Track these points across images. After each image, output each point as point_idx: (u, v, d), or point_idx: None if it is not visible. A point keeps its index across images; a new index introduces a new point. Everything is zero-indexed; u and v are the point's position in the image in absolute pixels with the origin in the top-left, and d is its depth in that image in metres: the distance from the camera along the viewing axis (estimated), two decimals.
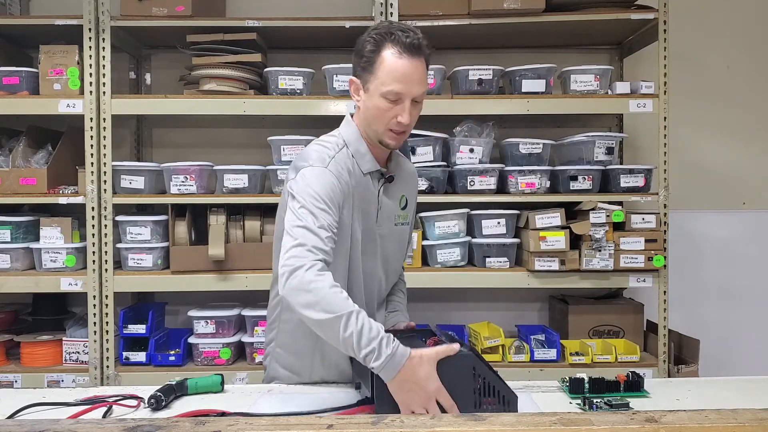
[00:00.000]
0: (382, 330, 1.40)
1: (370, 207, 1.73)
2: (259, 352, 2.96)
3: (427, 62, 1.67)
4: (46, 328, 3.15)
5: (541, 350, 2.96)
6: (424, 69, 1.64)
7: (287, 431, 1.04)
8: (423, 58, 1.63)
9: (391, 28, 1.63)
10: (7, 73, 2.96)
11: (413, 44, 1.60)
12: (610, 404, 1.55)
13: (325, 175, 1.62)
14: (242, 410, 1.48)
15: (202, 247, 2.94)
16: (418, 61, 1.62)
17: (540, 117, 3.15)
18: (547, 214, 2.89)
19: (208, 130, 3.42)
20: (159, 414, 1.49)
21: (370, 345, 1.37)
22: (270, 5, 3.28)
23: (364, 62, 1.64)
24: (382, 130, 1.66)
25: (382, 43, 1.61)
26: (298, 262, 1.47)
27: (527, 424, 1.05)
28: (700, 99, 3.46)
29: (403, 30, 1.62)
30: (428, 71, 1.69)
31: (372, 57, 1.62)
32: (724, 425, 1.04)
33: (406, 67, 1.60)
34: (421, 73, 1.63)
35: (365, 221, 1.72)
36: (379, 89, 1.61)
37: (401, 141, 1.69)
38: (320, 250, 1.51)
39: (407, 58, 1.60)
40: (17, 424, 1.03)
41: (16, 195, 2.92)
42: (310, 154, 1.68)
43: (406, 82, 1.60)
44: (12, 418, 1.43)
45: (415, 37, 1.61)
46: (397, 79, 1.59)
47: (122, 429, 1.02)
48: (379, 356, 1.36)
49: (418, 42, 1.61)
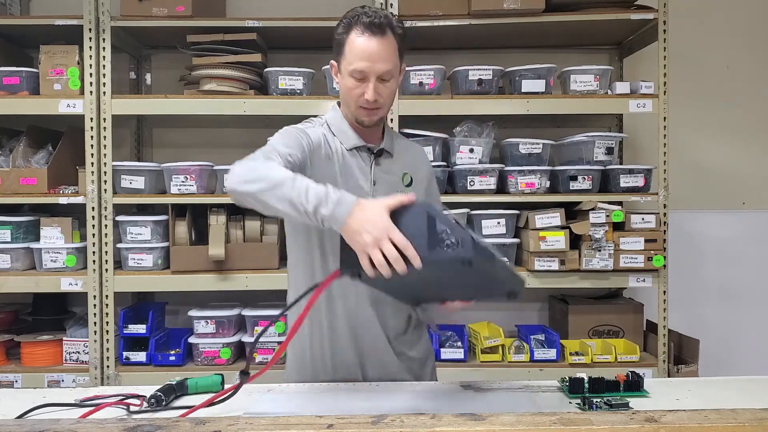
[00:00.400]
0: (330, 186, 1.41)
1: (360, 182, 1.74)
2: (259, 352, 2.96)
3: (399, 41, 1.69)
4: (46, 328, 3.15)
5: (540, 350, 2.96)
6: (390, 47, 1.67)
7: (287, 431, 1.04)
8: (389, 37, 1.66)
9: (358, 11, 1.68)
10: (7, 73, 2.96)
11: (374, 23, 1.65)
12: (610, 404, 1.55)
13: (288, 129, 1.73)
14: (243, 410, 1.48)
15: (202, 247, 2.94)
16: (383, 40, 1.65)
17: (540, 117, 3.15)
18: (547, 214, 2.89)
19: (208, 130, 3.42)
20: (161, 414, 1.49)
21: (317, 197, 1.38)
22: (270, 5, 3.28)
23: (336, 45, 1.72)
24: (354, 108, 1.71)
25: (349, 26, 1.68)
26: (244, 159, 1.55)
27: (527, 424, 1.05)
28: (700, 99, 3.46)
29: (369, 12, 1.67)
30: (400, 49, 1.70)
31: (341, 39, 1.69)
32: (724, 425, 1.04)
33: (369, 46, 1.64)
34: (385, 51, 1.66)
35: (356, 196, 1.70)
36: (347, 69, 1.68)
37: (374, 117, 1.72)
38: (276, 153, 1.58)
39: (369, 37, 1.65)
40: (17, 424, 1.03)
41: (17, 195, 2.92)
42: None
43: (368, 60, 1.64)
44: (17, 418, 1.43)
45: (379, 17, 1.66)
46: (360, 58, 1.65)
47: (122, 429, 1.02)
48: (326, 203, 1.36)
49: (380, 21, 1.65)
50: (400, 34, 1.69)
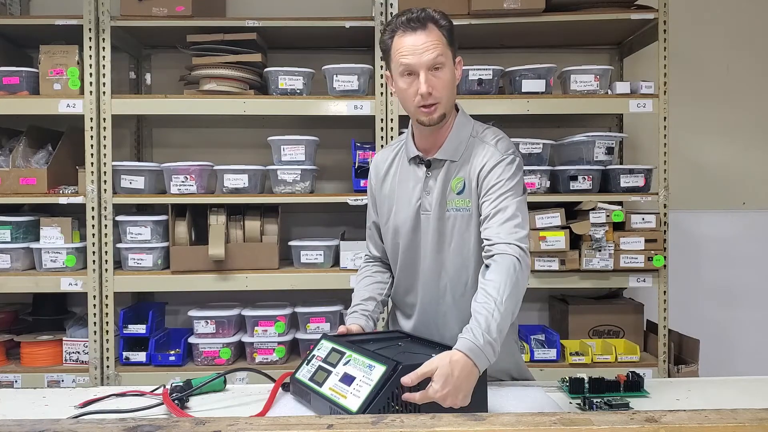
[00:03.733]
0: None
1: (411, 192, 1.77)
2: (259, 352, 2.96)
3: (443, 30, 1.69)
4: (46, 328, 3.15)
5: (541, 350, 2.96)
6: (434, 38, 1.66)
7: (287, 431, 1.04)
8: (431, 30, 1.66)
9: (398, 15, 1.70)
10: (7, 73, 2.96)
11: (411, 19, 1.66)
12: (610, 404, 1.55)
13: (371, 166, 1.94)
14: (245, 409, 1.48)
15: (202, 247, 2.94)
16: (423, 32, 1.65)
17: (540, 117, 3.15)
18: (547, 214, 2.89)
19: (208, 130, 3.42)
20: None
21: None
22: (270, 5, 3.28)
23: (384, 54, 1.74)
24: (413, 109, 1.70)
25: (392, 31, 1.69)
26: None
27: (527, 424, 1.05)
28: (700, 99, 3.46)
29: (406, 12, 1.68)
30: (449, 40, 1.70)
31: (387, 46, 1.70)
32: (724, 425, 1.04)
33: (411, 41, 1.65)
34: (429, 41, 1.65)
35: (406, 209, 1.76)
36: (397, 70, 1.68)
37: (434, 114, 1.67)
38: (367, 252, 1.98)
39: (410, 34, 1.65)
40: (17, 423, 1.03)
41: (16, 195, 2.92)
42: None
43: (412, 54, 1.64)
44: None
45: (416, 13, 1.66)
46: (404, 55, 1.65)
47: (122, 429, 1.02)
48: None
49: (419, 16, 1.66)
50: (446, 25, 1.69)
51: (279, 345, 2.97)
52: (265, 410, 1.52)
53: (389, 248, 1.85)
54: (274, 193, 2.97)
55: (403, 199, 1.78)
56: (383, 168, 1.85)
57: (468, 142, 1.74)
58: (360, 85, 2.96)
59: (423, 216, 1.74)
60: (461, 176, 1.71)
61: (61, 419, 1.09)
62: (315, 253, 3.00)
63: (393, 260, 1.86)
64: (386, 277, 1.91)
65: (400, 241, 1.79)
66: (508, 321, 1.47)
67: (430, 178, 1.74)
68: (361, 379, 1.40)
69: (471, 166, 1.71)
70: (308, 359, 1.61)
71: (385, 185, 1.84)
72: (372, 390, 1.35)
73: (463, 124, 1.76)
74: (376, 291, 1.86)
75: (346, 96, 2.94)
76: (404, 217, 1.77)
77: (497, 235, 1.59)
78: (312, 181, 3.02)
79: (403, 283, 1.83)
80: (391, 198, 1.81)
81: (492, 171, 1.67)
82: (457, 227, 1.71)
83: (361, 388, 1.38)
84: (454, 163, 1.73)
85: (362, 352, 1.46)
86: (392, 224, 1.81)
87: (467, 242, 1.70)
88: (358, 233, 3.34)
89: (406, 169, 1.80)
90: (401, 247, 1.79)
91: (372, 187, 1.89)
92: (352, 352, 1.50)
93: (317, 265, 3.00)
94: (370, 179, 1.90)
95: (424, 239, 1.74)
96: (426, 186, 1.74)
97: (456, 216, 1.71)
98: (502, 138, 1.74)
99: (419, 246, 1.76)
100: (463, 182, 1.71)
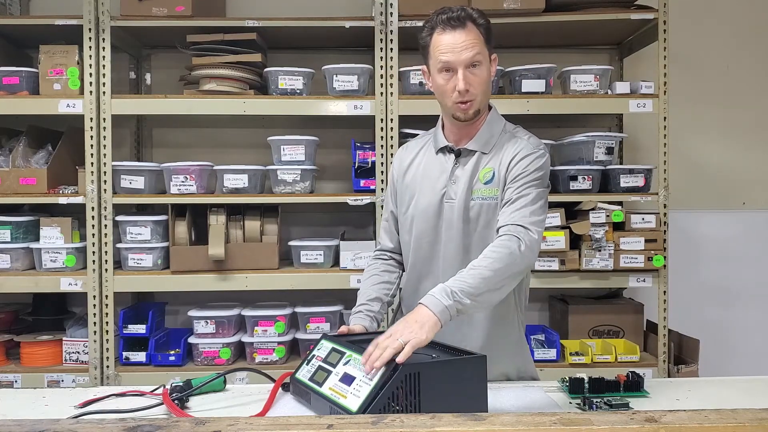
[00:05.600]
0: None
1: (439, 182, 1.80)
2: (258, 352, 2.96)
3: (484, 31, 1.73)
4: (46, 328, 3.15)
5: (541, 350, 2.96)
6: (472, 36, 1.70)
7: (287, 431, 1.04)
8: (470, 28, 1.71)
9: (438, 13, 1.74)
10: (7, 73, 2.96)
11: (451, 18, 1.70)
12: (610, 404, 1.55)
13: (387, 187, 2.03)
14: (245, 409, 1.48)
15: (202, 247, 2.94)
16: (462, 31, 1.70)
17: (540, 117, 3.14)
18: (547, 214, 2.89)
19: (208, 130, 3.42)
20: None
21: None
22: (270, 5, 3.28)
23: (422, 50, 1.78)
24: (450, 104, 1.75)
25: (431, 28, 1.74)
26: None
27: (527, 424, 1.05)
28: (700, 99, 3.46)
29: (446, 10, 1.72)
30: (486, 39, 1.74)
31: (426, 42, 1.75)
32: (724, 425, 1.04)
33: (450, 39, 1.70)
34: (467, 40, 1.70)
35: (429, 196, 1.81)
36: (435, 67, 1.73)
37: (469, 110, 1.74)
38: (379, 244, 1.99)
39: (450, 32, 1.70)
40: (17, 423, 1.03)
41: (16, 195, 2.92)
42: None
43: (451, 52, 1.69)
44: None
45: (456, 12, 1.71)
46: (443, 52, 1.70)
47: (122, 429, 1.02)
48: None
49: (458, 14, 1.70)
50: (483, 24, 1.74)
51: (279, 345, 2.97)
52: (265, 410, 1.52)
53: (405, 238, 1.88)
54: (274, 193, 2.97)
55: (426, 187, 1.82)
56: (408, 158, 1.90)
57: (499, 136, 1.81)
58: (360, 85, 2.96)
59: (447, 204, 1.78)
60: (491, 167, 1.77)
61: (61, 419, 1.09)
62: (315, 253, 3.00)
63: (407, 249, 1.88)
64: (394, 278, 1.92)
65: (418, 228, 1.82)
66: (487, 291, 1.56)
67: (458, 167, 1.79)
68: (361, 379, 1.40)
69: (502, 157, 1.77)
70: (308, 359, 1.61)
71: (408, 174, 1.88)
72: (372, 390, 1.35)
73: (496, 120, 1.83)
74: (383, 291, 1.87)
75: (346, 96, 2.94)
76: (426, 204, 1.81)
77: (511, 217, 1.68)
78: (312, 181, 3.02)
79: (418, 272, 1.85)
80: (413, 187, 1.85)
81: (521, 161, 1.74)
82: (483, 216, 1.76)
83: (361, 388, 1.38)
84: (484, 155, 1.79)
85: (362, 352, 1.46)
86: (411, 213, 1.84)
87: (492, 231, 1.74)
88: (358, 233, 3.35)
89: (433, 158, 1.85)
90: (421, 234, 1.82)
91: (393, 178, 1.93)
92: (352, 352, 1.50)
93: (317, 265, 3.00)
94: (393, 170, 1.95)
95: (447, 226, 1.78)
96: (452, 175, 1.79)
97: (482, 204, 1.76)
98: (533, 136, 1.83)
99: (441, 234, 1.79)
100: (493, 172, 1.77)
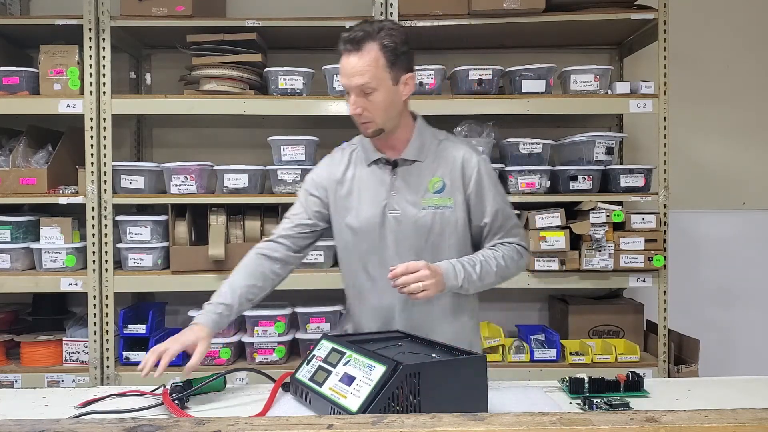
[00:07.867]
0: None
1: (377, 192, 1.81)
2: (259, 352, 2.96)
3: (387, 51, 1.69)
4: (46, 328, 3.15)
5: (541, 350, 2.96)
6: (366, 60, 1.68)
7: (287, 431, 1.04)
8: (367, 51, 1.68)
9: (347, 30, 1.73)
10: (7, 73, 2.96)
11: (350, 39, 1.69)
12: (610, 404, 1.55)
13: (315, 169, 1.95)
14: (245, 409, 1.48)
15: (202, 247, 2.94)
16: (356, 54, 1.69)
17: (540, 117, 3.15)
18: (547, 214, 2.89)
19: (208, 130, 3.42)
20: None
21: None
22: (270, 5, 3.28)
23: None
24: (357, 122, 1.78)
25: (339, 45, 1.75)
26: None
27: (527, 424, 1.05)
28: (700, 99, 3.46)
29: (351, 29, 1.71)
30: (389, 60, 1.70)
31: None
32: (724, 425, 1.04)
33: (345, 62, 1.72)
34: (361, 66, 1.68)
35: (370, 208, 1.80)
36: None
37: (368, 129, 1.77)
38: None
39: (345, 55, 1.72)
40: (17, 423, 1.03)
41: (16, 195, 2.92)
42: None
43: (345, 76, 1.73)
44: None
45: (355, 33, 1.69)
46: (340, 74, 1.74)
47: (122, 429, 1.02)
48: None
49: (356, 36, 1.68)
50: (387, 44, 1.69)
51: (279, 345, 2.97)
52: (265, 410, 1.52)
53: (343, 248, 1.89)
54: (274, 193, 2.97)
55: (365, 198, 1.82)
56: (338, 171, 1.88)
57: (435, 144, 1.84)
58: None
59: (391, 215, 1.80)
60: (439, 176, 1.80)
61: (61, 419, 1.09)
62: (315, 253, 2.99)
63: (348, 259, 1.89)
64: (277, 268, 1.87)
65: (361, 238, 1.82)
66: (486, 278, 1.76)
67: (397, 178, 1.81)
68: (361, 379, 1.40)
69: (451, 165, 1.81)
70: (308, 359, 1.62)
71: (343, 187, 1.86)
72: (372, 390, 1.35)
73: (424, 128, 1.87)
74: (253, 289, 1.83)
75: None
76: (368, 216, 1.81)
77: (505, 239, 1.85)
78: None
79: (361, 283, 1.87)
80: (349, 200, 1.84)
81: (480, 175, 1.81)
82: (437, 224, 1.80)
83: (361, 388, 1.38)
84: (425, 164, 1.81)
85: (362, 352, 1.47)
86: (351, 224, 1.83)
87: (446, 238, 1.81)
88: None
89: (367, 171, 1.84)
90: (364, 246, 1.82)
91: (322, 187, 1.88)
92: (352, 352, 1.50)
93: (317, 265, 3.00)
94: (319, 180, 1.90)
95: (395, 236, 1.80)
96: (393, 186, 1.80)
97: (435, 213, 1.79)
98: (464, 139, 1.94)
99: (386, 244, 1.81)
100: (442, 182, 1.80)
